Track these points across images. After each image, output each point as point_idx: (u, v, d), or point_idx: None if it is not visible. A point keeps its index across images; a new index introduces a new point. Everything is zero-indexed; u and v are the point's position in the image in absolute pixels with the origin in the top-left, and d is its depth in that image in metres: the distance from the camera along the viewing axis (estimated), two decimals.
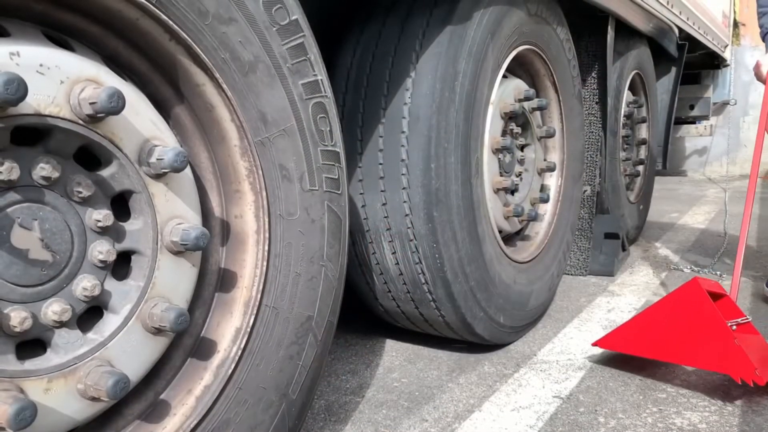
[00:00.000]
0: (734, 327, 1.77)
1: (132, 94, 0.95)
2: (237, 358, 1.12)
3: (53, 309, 0.89)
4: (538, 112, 2.31)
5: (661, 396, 1.74)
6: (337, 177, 1.26)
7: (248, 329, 1.13)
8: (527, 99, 2.12)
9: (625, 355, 2.03)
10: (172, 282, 1.02)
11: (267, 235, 1.14)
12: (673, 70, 4.12)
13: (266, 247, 1.14)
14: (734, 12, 5.75)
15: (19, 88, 0.77)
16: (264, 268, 1.14)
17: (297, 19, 1.14)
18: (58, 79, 0.86)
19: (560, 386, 1.81)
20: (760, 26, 2.22)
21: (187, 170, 1.03)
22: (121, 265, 0.99)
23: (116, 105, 0.87)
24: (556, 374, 1.90)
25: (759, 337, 1.86)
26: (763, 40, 1.79)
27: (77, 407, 0.91)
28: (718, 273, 3.06)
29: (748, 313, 2.40)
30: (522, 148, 2.28)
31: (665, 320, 1.81)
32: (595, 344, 1.95)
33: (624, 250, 3.22)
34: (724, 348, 1.68)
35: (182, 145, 1.08)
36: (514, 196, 2.22)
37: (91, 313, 0.96)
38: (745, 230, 1.99)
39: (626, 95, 3.41)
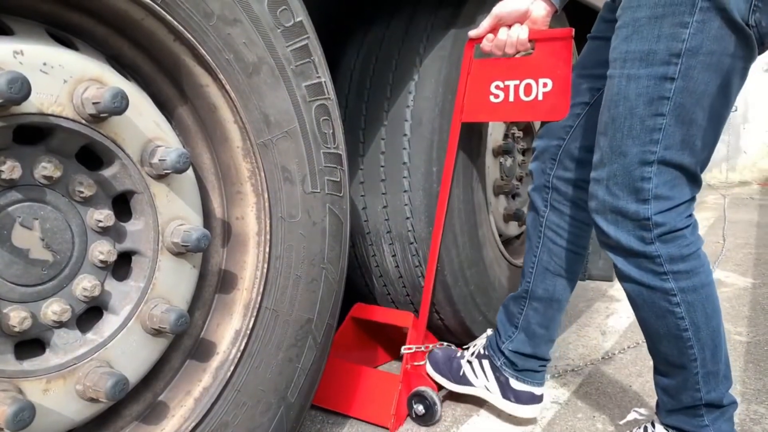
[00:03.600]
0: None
1: (135, 94, 0.94)
2: (236, 360, 1.11)
3: (53, 309, 0.89)
4: None
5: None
6: (338, 179, 1.25)
7: (248, 331, 1.12)
8: None
9: (623, 362, 2.03)
10: (173, 283, 1.02)
11: (268, 237, 1.13)
12: None
13: (267, 249, 1.13)
14: None
15: (22, 87, 0.77)
16: (265, 270, 1.14)
17: (301, 21, 1.14)
18: (61, 78, 0.85)
19: (558, 391, 1.81)
20: None
21: (189, 171, 1.02)
22: (121, 266, 0.99)
23: (119, 105, 0.86)
24: (555, 379, 1.89)
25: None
26: None
27: (76, 408, 0.91)
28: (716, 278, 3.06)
29: (746, 323, 2.41)
30: (523, 152, 2.28)
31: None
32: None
33: None
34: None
35: (185, 145, 1.08)
36: (515, 200, 2.22)
37: (90, 314, 0.96)
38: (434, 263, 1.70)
39: None
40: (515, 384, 1.61)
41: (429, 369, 1.71)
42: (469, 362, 1.67)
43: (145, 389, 1.06)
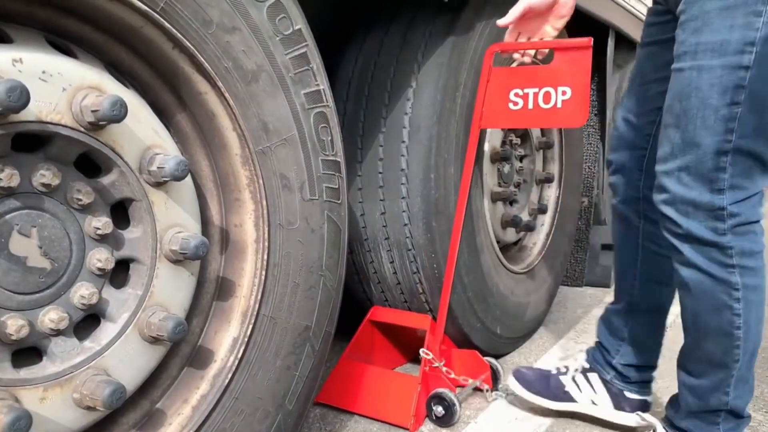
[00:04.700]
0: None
1: (134, 102, 0.94)
2: (234, 367, 1.11)
3: (50, 317, 0.88)
4: None
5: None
6: (337, 186, 1.26)
7: (246, 339, 1.12)
8: None
9: None
10: (171, 291, 1.01)
11: (266, 244, 1.13)
12: None
13: (265, 257, 1.13)
14: None
15: (21, 96, 0.77)
16: (263, 277, 1.13)
17: (300, 29, 1.14)
18: (60, 86, 0.85)
19: None
20: None
21: (188, 179, 1.02)
22: (119, 273, 0.99)
23: (118, 113, 0.86)
24: None
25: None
26: None
27: (73, 416, 0.91)
28: None
29: None
30: (521, 158, 2.29)
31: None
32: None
33: None
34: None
35: (183, 153, 1.08)
36: (512, 207, 2.22)
37: (88, 321, 0.96)
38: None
39: None
40: (630, 394, 1.60)
41: (519, 389, 1.69)
42: (573, 378, 1.67)
43: (143, 397, 1.05)
